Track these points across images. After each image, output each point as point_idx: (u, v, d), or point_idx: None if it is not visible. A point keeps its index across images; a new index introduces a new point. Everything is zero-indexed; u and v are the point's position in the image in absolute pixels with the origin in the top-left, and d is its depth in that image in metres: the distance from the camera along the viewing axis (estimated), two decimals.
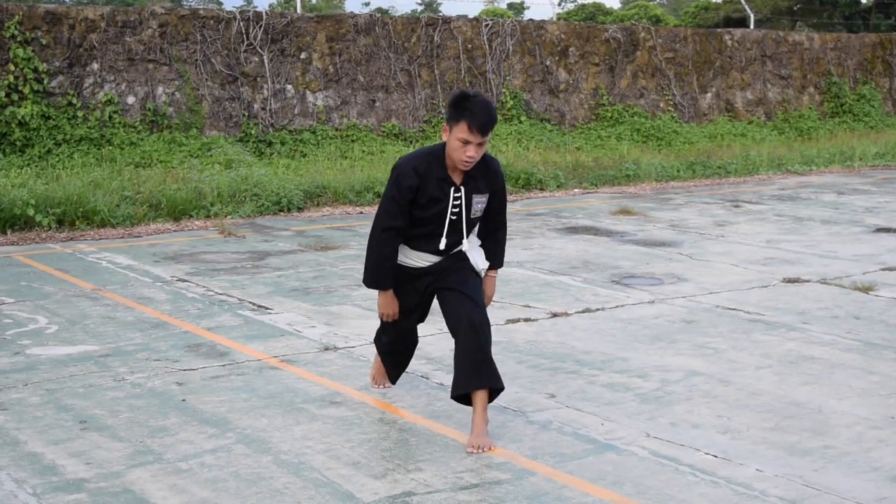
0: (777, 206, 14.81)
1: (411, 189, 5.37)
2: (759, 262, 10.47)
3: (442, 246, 5.50)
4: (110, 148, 15.80)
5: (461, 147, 5.23)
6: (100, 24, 16.43)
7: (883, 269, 10.07)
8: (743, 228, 12.70)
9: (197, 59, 17.23)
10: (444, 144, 5.38)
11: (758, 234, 12.19)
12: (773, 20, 44.88)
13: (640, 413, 5.83)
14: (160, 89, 16.83)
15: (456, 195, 5.40)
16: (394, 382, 6.29)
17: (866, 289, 9.12)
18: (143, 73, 16.73)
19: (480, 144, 5.23)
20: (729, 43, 24.27)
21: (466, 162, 5.26)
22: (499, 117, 5.19)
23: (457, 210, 5.43)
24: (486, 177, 5.48)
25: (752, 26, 27.34)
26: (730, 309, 8.42)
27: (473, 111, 5.18)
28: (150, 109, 16.56)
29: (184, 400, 6.09)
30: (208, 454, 5.22)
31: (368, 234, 5.61)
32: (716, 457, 5.19)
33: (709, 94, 23.73)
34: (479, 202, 5.49)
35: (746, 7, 30.06)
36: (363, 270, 5.66)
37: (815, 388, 6.35)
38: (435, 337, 7.52)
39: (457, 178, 5.41)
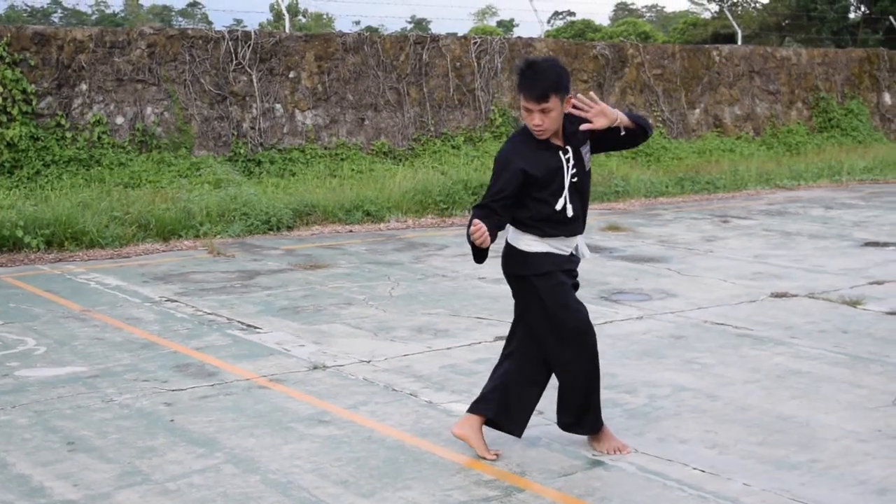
0: (765, 221, 14.85)
1: (520, 172, 5.22)
2: (747, 276, 10.50)
3: (571, 213, 5.30)
4: (99, 168, 15.80)
5: (527, 116, 5.22)
6: (88, 44, 16.45)
7: (870, 283, 10.10)
8: (731, 243, 12.74)
9: (186, 79, 17.25)
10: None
11: (746, 249, 12.23)
12: (762, 36, 45.06)
13: (629, 428, 5.84)
14: (149, 109, 16.85)
15: (566, 156, 5.32)
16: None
17: (854, 303, 9.14)
18: (132, 94, 16.75)
19: (543, 111, 5.17)
20: (717, 59, 24.35)
21: (536, 130, 5.22)
22: (553, 82, 4.99)
23: (573, 171, 5.33)
24: (576, 126, 5.32)
25: (739, 42, 27.43)
26: (718, 324, 8.44)
27: (528, 80, 5.18)
28: (138, 129, 16.56)
29: (172, 420, 6.08)
30: (196, 474, 5.21)
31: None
32: (703, 471, 5.20)
33: (697, 110, 23.80)
34: (587, 152, 5.42)
35: (734, 23, 30.18)
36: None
37: (802, 402, 6.36)
38: (424, 355, 7.53)
39: (558, 142, 5.33)
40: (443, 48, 20.15)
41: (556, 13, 76.40)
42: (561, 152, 5.30)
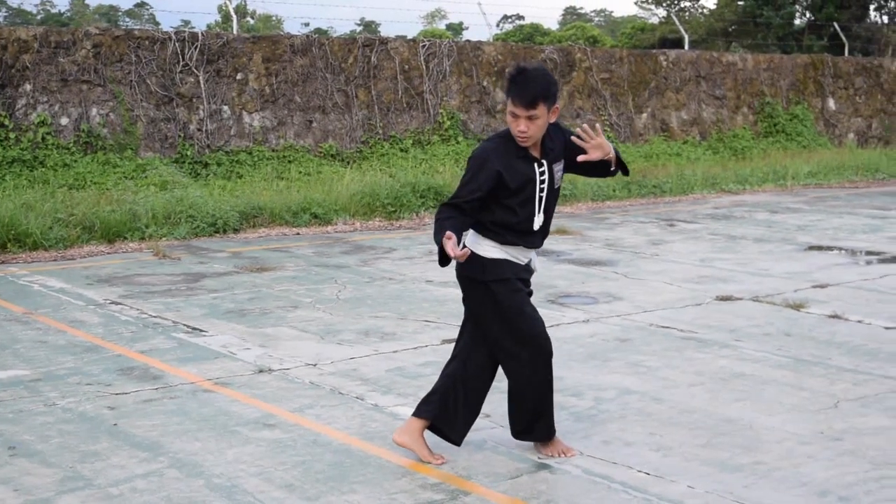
0: (711, 225, 14.97)
1: (496, 175, 5.21)
2: (692, 280, 10.57)
3: (536, 226, 5.32)
4: (43, 170, 15.64)
5: (513, 122, 5.19)
6: (33, 44, 16.28)
7: (814, 287, 10.20)
8: (677, 247, 12.82)
9: (132, 80, 17.11)
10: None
11: (692, 253, 12.31)
12: (709, 41, 45.44)
13: (574, 431, 5.86)
14: (94, 110, 16.70)
15: (540, 169, 5.31)
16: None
17: (797, 306, 9.23)
18: (77, 94, 16.60)
19: (530, 118, 5.15)
20: (664, 64, 24.52)
21: (520, 137, 5.20)
22: (543, 90, 4.98)
23: (543, 185, 5.32)
24: (556, 144, 5.37)
25: (687, 47, 27.64)
26: (663, 327, 8.49)
27: (518, 85, 5.15)
28: (83, 131, 16.41)
29: (115, 424, 6.03)
30: (140, 479, 5.17)
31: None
32: (648, 474, 5.22)
33: (644, 115, 23.94)
34: (559, 170, 5.41)
35: (681, 28, 30.40)
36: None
37: (746, 404, 6.41)
38: (370, 358, 7.51)
39: (535, 153, 5.33)
40: (391, 51, 20.13)
41: (505, 17, 76.74)
42: (536, 164, 5.31)
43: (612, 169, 5.48)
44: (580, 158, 5.29)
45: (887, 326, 8.50)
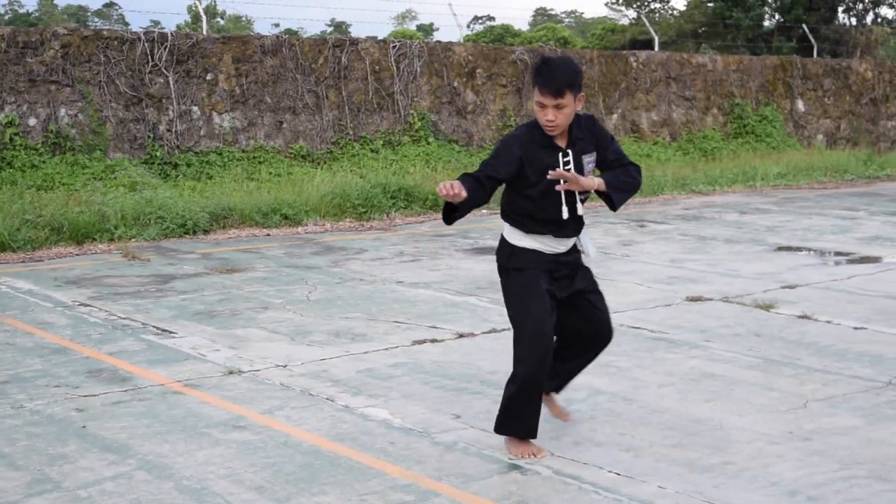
0: (681, 226, 15.02)
1: (517, 160, 5.30)
2: (663, 280, 10.60)
3: (565, 215, 5.39)
4: (11, 171, 15.53)
5: (540, 111, 5.25)
6: (0, 44, 16.16)
7: (783, 287, 10.25)
8: (648, 248, 12.85)
9: (100, 81, 17.02)
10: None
11: (662, 254, 12.35)
12: (679, 42, 45.56)
13: (544, 432, 5.85)
14: (63, 111, 16.60)
15: (565, 159, 5.35)
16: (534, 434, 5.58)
17: (767, 306, 9.27)
18: (45, 95, 16.49)
19: (557, 107, 5.21)
20: (634, 65, 24.59)
21: (548, 126, 5.25)
22: (569, 79, 5.07)
23: (569, 174, 5.31)
24: (587, 136, 5.43)
25: (657, 48, 27.72)
26: (634, 327, 8.51)
27: (543, 75, 5.22)
28: (52, 131, 16.31)
29: (84, 426, 5.99)
30: (109, 481, 5.13)
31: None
32: (619, 474, 5.23)
33: (615, 115, 24.01)
34: (589, 162, 5.44)
35: (651, 29, 30.48)
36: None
37: (716, 404, 6.43)
38: (341, 359, 7.49)
39: (561, 142, 5.37)
40: (362, 51, 20.10)
41: (476, 17, 76.71)
42: (560, 154, 5.35)
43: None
44: (557, 188, 5.31)
45: (856, 327, 8.55)
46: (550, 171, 5.26)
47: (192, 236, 13.69)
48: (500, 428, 5.56)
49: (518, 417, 5.48)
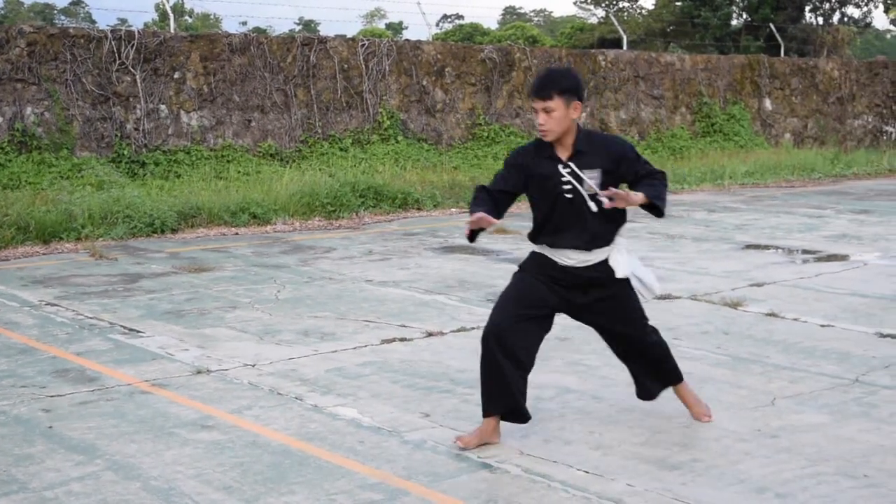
0: (650, 224, 15.05)
1: (519, 170, 5.49)
2: None
3: (571, 227, 5.50)
4: None
5: (535, 116, 5.36)
6: None
7: (751, 285, 10.29)
8: None
9: (67, 79, 16.92)
10: None
11: (631, 252, 12.33)
12: (647, 41, 45.75)
13: (514, 431, 5.85)
14: (29, 109, 16.48)
15: (565, 171, 5.41)
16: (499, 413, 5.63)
17: (735, 304, 9.30)
18: (11, 93, 16.37)
19: (546, 111, 5.29)
20: (603, 63, 24.65)
21: (539, 130, 5.33)
22: (555, 83, 5.15)
23: (569, 186, 5.40)
24: (598, 153, 5.45)
25: (625, 47, 27.81)
26: None
27: (535, 80, 5.37)
28: (18, 130, 16.19)
29: (50, 427, 5.94)
30: (75, 482, 5.10)
31: None
32: (588, 472, 5.23)
33: (583, 114, 24.05)
34: (592, 177, 5.44)
35: (620, 28, 30.57)
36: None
37: None
38: (309, 358, 7.47)
39: (563, 154, 5.43)
40: (330, 50, 20.06)
41: (445, 16, 76.74)
42: (560, 165, 5.40)
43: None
44: (606, 205, 5.42)
45: (823, 324, 8.59)
46: (600, 192, 5.35)
47: (160, 235, 13.63)
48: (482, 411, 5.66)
49: (485, 394, 5.59)
